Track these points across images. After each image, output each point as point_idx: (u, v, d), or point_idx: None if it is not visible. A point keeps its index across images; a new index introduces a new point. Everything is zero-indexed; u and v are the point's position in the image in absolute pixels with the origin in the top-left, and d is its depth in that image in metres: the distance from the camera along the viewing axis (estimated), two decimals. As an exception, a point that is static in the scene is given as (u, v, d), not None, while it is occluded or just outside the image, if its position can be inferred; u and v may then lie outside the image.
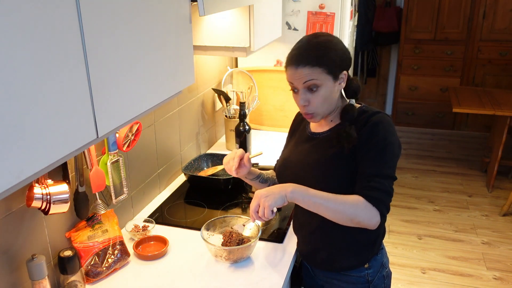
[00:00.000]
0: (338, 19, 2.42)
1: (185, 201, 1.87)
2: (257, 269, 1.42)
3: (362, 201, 1.20)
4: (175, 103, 1.96)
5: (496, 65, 4.72)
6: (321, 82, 1.23)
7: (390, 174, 1.23)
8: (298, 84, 1.25)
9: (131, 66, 0.97)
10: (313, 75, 1.22)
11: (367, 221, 1.20)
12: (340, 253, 1.37)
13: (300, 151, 1.40)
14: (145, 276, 1.41)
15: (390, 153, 1.23)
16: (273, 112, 2.56)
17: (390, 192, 1.22)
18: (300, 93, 1.26)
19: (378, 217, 1.20)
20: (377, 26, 4.93)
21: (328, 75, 1.23)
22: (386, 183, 1.22)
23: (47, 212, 1.18)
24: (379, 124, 1.25)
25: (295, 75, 1.25)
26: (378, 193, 1.20)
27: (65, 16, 0.77)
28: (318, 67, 1.22)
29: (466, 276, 2.85)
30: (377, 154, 1.22)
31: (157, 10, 1.05)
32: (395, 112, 5.22)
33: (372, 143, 1.23)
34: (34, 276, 1.16)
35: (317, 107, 1.26)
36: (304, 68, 1.22)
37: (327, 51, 1.23)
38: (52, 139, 0.77)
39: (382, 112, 1.29)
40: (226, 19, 1.81)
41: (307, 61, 1.22)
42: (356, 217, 1.19)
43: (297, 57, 1.24)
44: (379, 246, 1.39)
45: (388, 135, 1.24)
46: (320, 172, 1.31)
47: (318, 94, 1.25)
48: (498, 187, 3.88)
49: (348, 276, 1.38)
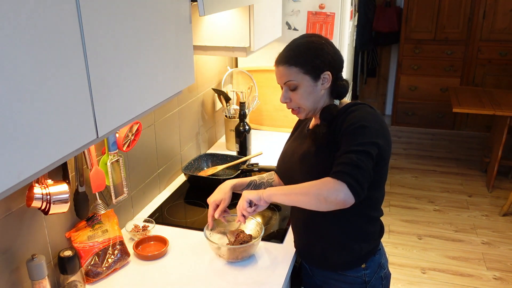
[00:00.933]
0: (338, 19, 2.42)
1: (185, 201, 1.87)
2: (257, 269, 1.42)
3: (328, 178, 1.19)
4: (175, 103, 1.96)
5: (496, 65, 4.72)
6: (299, 82, 1.30)
7: (359, 148, 1.18)
8: (280, 83, 1.35)
9: (131, 66, 0.97)
10: (290, 75, 1.30)
11: (333, 197, 1.15)
12: (333, 248, 1.37)
13: (296, 145, 1.44)
14: (145, 276, 1.41)
15: (362, 134, 1.21)
16: (273, 112, 2.56)
17: (358, 164, 1.16)
18: (283, 91, 1.35)
19: (345, 190, 1.14)
20: (377, 26, 4.93)
21: (305, 75, 1.29)
22: (353, 156, 1.17)
23: (47, 212, 1.18)
24: (354, 111, 1.27)
25: (276, 74, 1.35)
26: (342, 166, 1.17)
27: (65, 16, 0.77)
28: (294, 67, 1.29)
29: (466, 276, 2.85)
30: (348, 136, 1.22)
31: (157, 10, 1.05)
32: (395, 112, 5.22)
33: (345, 129, 1.24)
34: (34, 276, 1.16)
35: (298, 104, 1.33)
36: (283, 67, 1.31)
37: (306, 52, 1.30)
38: (52, 139, 0.77)
39: (364, 104, 1.32)
40: (226, 19, 1.81)
41: (285, 61, 1.31)
42: (321, 194, 1.17)
43: (279, 56, 1.34)
44: (376, 245, 1.39)
45: (362, 120, 1.23)
46: (306, 166, 1.35)
47: (297, 92, 1.31)
48: (498, 187, 3.88)
49: (345, 276, 1.39)
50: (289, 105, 1.36)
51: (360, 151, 1.18)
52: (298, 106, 1.34)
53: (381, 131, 1.25)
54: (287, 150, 1.49)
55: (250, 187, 1.56)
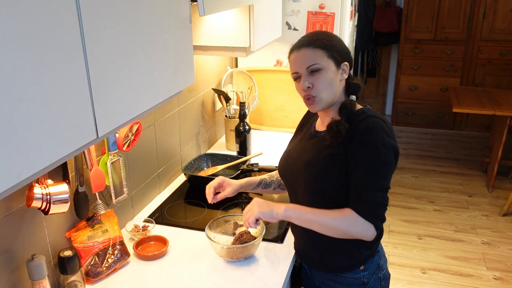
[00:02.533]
0: (338, 19, 2.42)
1: (185, 201, 1.87)
2: (257, 269, 1.42)
3: (354, 215, 1.20)
4: (175, 103, 1.96)
5: (496, 65, 4.72)
6: (323, 65, 1.25)
7: (383, 185, 1.22)
8: (301, 68, 1.27)
9: (131, 66, 0.97)
10: (315, 58, 1.25)
11: (360, 235, 1.21)
12: (331, 253, 1.37)
13: (301, 147, 1.40)
14: (145, 276, 1.41)
15: (383, 163, 1.21)
16: (273, 112, 2.56)
17: (383, 203, 1.22)
18: (304, 76, 1.27)
19: (371, 229, 1.20)
20: (377, 26, 4.93)
21: (329, 60, 1.26)
22: (379, 195, 1.21)
23: (47, 212, 1.18)
24: (372, 131, 1.22)
25: (297, 58, 1.28)
26: (370, 206, 1.20)
27: (65, 16, 0.77)
28: (320, 49, 1.25)
29: (466, 276, 2.85)
30: (369, 166, 1.21)
31: (157, 10, 1.05)
32: (395, 112, 5.22)
33: (364, 152, 1.21)
34: (34, 276, 1.16)
35: (319, 90, 1.26)
36: (307, 49, 1.26)
37: (329, 38, 1.28)
38: (52, 139, 0.77)
39: (378, 117, 1.25)
40: (226, 19, 1.81)
41: (309, 43, 1.26)
42: (349, 232, 1.21)
43: (300, 42, 1.30)
44: (375, 248, 1.39)
45: (379, 143, 1.21)
46: (311, 172, 1.31)
47: (321, 76, 1.25)
48: (498, 187, 3.88)
49: (343, 277, 1.38)
50: (310, 91, 1.26)
51: (383, 188, 1.22)
52: (317, 94, 1.26)
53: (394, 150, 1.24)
54: (291, 151, 1.45)
55: (261, 186, 1.55)
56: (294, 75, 1.31)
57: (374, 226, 1.20)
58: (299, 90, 1.31)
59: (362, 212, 1.20)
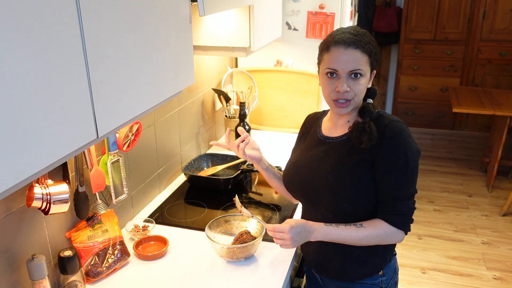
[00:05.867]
0: (338, 19, 2.42)
1: (185, 201, 1.87)
2: (257, 269, 1.42)
3: (387, 227, 1.22)
4: (175, 103, 1.96)
5: (496, 65, 4.72)
6: (365, 71, 1.22)
7: (413, 192, 1.24)
8: (342, 67, 1.20)
9: (131, 66, 0.97)
10: (361, 63, 1.20)
11: (392, 241, 1.26)
12: (354, 263, 1.32)
13: (311, 156, 1.34)
14: (145, 276, 1.41)
15: (412, 169, 1.21)
16: (273, 112, 2.56)
17: (414, 208, 1.25)
18: (343, 78, 1.21)
19: (403, 235, 1.24)
20: (377, 26, 4.93)
21: (369, 66, 1.23)
22: (410, 203, 1.23)
23: (47, 212, 1.18)
24: (399, 137, 1.20)
25: (342, 56, 1.19)
26: (403, 217, 1.22)
27: (65, 17, 0.77)
28: (367, 55, 1.21)
29: (466, 276, 2.85)
30: (400, 174, 1.20)
31: (157, 10, 1.05)
32: (395, 112, 5.22)
33: (394, 160, 1.19)
34: (34, 276, 1.16)
35: (356, 94, 1.22)
36: (355, 50, 1.19)
37: (374, 44, 1.24)
38: (52, 139, 0.77)
39: (400, 121, 1.25)
40: (226, 19, 1.81)
41: (359, 45, 1.19)
42: (382, 243, 1.26)
43: (349, 38, 1.19)
44: (391, 252, 1.37)
45: (408, 149, 1.20)
46: (337, 180, 1.25)
47: (359, 82, 1.21)
48: (498, 187, 3.88)
49: (361, 284, 1.34)
50: (347, 94, 1.21)
51: (413, 195, 1.24)
52: (353, 98, 1.22)
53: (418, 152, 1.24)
54: (299, 161, 1.37)
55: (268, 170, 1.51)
56: (329, 70, 1.22)
57: (404, 232, 1.24)
58: (329, 89, 1.24)
59: (395, 223, 1.22)
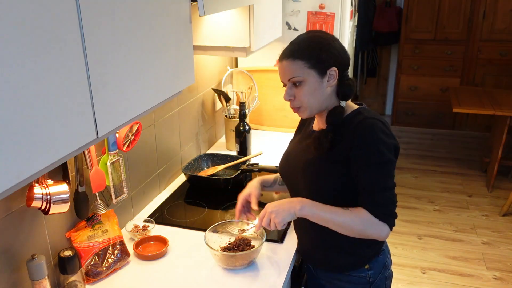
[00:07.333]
0: (338, 19, 2.42)
1: (185, 201, 1.87)
2: (257, 269, 1.42)
3: (369, 216, 1.21)
4: (175, 103, 1.96)
5: (496, 65, 4.72)
6: (304, 77, 1.24)
7: (390, 184, 1.23)
8: (283, 79, 1.30)
9: (131, 66, 0.97)
10: (295, 71, 1.24)
11: (376, 236, 1.23)
12: (336, 252, 1.37)
13: (300, 148, 1.40)
14: (145, 276, 1.41)
15: (386, 163, 1.22)
16: (273, 112, 2.56)
17: (394, 201, 1.24)
18: (286, 88, 1.30)
19: (386, 229, 1.22)
20: (377, 26, 4.93)
21: (310, 70, 1.24)
22: (388, 194, 1.22)
23: (47, 212, 1.18)
24: (371, 134, 1.21)
25: (280, 70, 1.29)
26: (384, 208, 1.21)
27: (65, 16, 0.77)
28: (299, 60, 1.24)
29: (466, 276, 2.85)
30: (374, 170, 1.21)
31: (157, 10, 1.05)
32: (395, 112, 5.22)
33: (367, 156, 1.21)
34: (34, 276, 1.16)
35: (302, 101, 1.27)
36: (287, 61, 1.26)
37: (311, 45, 1.25)
38: (52, 139, 0.77)
39: (375, 118, 1.24)
40: (226, 19, 1.81)
41: (289, 55, 1.26)
42: (365, 232, 1.22)
43: (283, 52, 1.29)
44: (379, 247, 1.39)
45: (381, 144, 1.20)
46: (309, 176, 1.31)
47: (302, 89, 1.26)
48: (498, 187, 3.88)
49: (349, 276, 1.38)
50: (292, 103, 1.30)
51: (391, 187, 1.23)
52: (301, 105, 1.28)
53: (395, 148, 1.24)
54: (292, 151, 1.45)
55: (276, 184, 1.54)
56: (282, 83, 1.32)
57: (388, 225, 1.22)
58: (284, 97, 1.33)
59: (375, 213, 1.21)
